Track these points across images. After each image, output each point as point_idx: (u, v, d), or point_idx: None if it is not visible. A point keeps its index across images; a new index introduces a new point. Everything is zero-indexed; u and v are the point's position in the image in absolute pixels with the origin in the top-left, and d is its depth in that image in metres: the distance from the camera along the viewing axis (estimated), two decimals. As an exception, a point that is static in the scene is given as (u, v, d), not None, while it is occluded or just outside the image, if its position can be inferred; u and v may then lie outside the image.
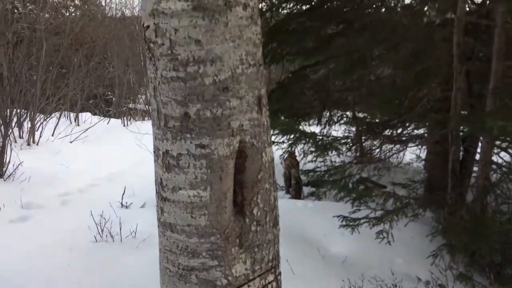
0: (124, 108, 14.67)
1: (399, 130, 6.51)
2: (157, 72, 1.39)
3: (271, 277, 1.58)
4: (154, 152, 1.51)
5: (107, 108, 15.81)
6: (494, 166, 4.45)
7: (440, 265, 3.65)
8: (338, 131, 7.59)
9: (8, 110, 6.49)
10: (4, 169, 5.97)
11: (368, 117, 7.38)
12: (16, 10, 8.40)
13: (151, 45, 1.38)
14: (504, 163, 4.77)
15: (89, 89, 12.27)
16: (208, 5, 1.29)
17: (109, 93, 16.29)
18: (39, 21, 7.67)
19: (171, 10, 1.30)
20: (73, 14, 10.76)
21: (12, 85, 6.55)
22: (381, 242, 3.90)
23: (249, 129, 1.43)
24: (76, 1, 13.31)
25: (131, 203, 5.24)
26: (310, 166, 6.46)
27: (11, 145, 6.68)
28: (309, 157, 6.32)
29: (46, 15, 8.15)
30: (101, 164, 7.88)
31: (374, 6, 5.07)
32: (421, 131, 6.38)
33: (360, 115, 7.35)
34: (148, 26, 1.37)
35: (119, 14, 18.41)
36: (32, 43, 7.74)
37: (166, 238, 1.53)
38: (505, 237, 3.51)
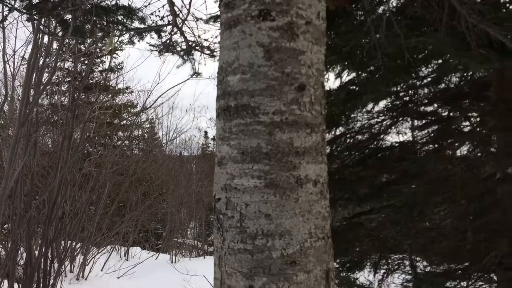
0: (173, 242, 14.81)
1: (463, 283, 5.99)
2: (224, 242, 1.40)
3: None
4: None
5: (156, 241, 15.97)
6: None
7: None
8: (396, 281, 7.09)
9: (63, 248, 6.67)
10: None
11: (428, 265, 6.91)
12: (86, 152, 9.22)
13: (221, 216, 1.41)
14: None
15: (142, 224, 12.59)
16: (280, 183, 1.34)
17: (160, 227, 16.60)
18: (107, 164, 8.31)
19: (244, 186, 1.36)
20: (136, 156, 11.66)
21: (72, 222, 6.84)
22: None
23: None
24: (141, 144, 14.44)
25: None
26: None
27: (61, 281, 6.72)
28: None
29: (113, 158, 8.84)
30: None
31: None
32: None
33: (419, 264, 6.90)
34: (219, 199, 1.42)
35: (178, 153, 19.69)
36: (97, 182, 8.29)
37: None
38: None
